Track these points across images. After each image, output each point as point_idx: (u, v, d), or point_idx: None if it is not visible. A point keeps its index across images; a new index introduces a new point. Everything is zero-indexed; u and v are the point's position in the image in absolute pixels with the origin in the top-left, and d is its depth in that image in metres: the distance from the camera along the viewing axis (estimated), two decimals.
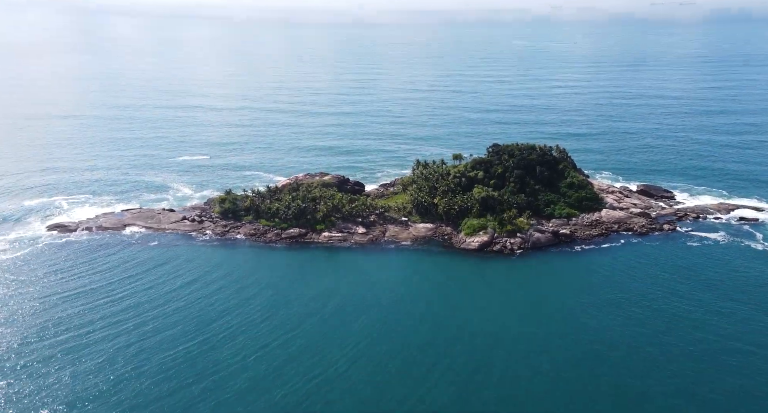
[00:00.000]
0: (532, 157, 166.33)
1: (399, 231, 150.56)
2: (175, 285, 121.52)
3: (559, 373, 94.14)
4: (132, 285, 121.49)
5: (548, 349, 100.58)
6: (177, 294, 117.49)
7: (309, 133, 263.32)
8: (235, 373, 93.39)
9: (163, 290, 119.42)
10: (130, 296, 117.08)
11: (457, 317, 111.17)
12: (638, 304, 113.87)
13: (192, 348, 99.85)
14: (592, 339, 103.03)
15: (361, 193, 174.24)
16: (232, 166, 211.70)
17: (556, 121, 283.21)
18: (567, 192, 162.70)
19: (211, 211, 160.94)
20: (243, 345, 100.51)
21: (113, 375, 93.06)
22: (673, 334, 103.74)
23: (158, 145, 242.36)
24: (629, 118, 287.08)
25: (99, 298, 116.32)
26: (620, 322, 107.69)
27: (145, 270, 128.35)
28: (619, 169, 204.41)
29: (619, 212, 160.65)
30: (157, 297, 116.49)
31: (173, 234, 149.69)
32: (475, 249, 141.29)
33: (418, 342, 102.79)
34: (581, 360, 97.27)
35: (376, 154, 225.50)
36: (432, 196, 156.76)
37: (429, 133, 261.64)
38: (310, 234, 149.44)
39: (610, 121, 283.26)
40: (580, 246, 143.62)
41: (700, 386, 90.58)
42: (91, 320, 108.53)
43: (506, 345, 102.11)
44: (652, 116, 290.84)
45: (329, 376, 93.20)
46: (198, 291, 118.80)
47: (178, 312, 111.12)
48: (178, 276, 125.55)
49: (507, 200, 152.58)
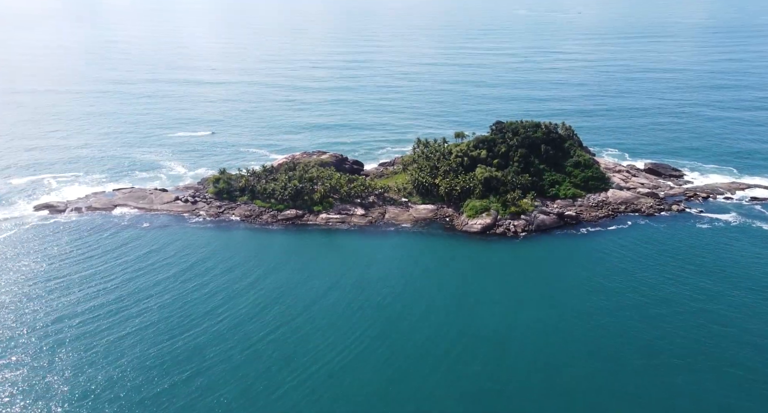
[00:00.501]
0: (536, 135, 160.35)
1: (399, 213, 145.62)
2: (168, 272, 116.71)
3: (565, 364, 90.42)
4: (122, 273, 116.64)
5: (553, 338, 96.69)
6: (169, 284, 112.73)
7: (306, 109, 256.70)
8: (231, 370, 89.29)
9: (155, 278, 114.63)
10: (120, 285, 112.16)
11: (460, 304, 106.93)
12: (645, 292, 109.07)
13: (187, 340, 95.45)
14: (598, 327, 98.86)
15: (360, 172, 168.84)
16: (228, 143, 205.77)
17: (560, 97, 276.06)
18: (573, 171, 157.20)
19: (205, 191, 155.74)
20: (240, 339, 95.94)
21: (102, 372, 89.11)
22: (683, 325, 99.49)
23: (152, 120, 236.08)
24: (636, 93, 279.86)
25: (88, 287, 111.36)
26: (631, 313, 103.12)
27: (137, 256, 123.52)
28: (625, 147, 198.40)
29: (627, 192, 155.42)
30: (149, 286, 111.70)
31: (165, 216, 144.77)
32: (478, 232, 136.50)
33: (420, 331, 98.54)
34: (589, 351, 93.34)
35: (376, 130, 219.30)
36: (433, 176, 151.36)
37: (430, 109, 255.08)
38: (307, 215, 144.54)
39: (616, 96, 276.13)
40: (585, 228, 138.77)
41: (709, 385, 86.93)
42: (81, 311, 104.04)
43: (509, 332, 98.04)
44: (659, 91, 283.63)
45: (329, 372, 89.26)
46: (192, 280, 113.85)
47: (170, 303, 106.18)
48: (171, 263, 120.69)
49: (511, 181, 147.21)
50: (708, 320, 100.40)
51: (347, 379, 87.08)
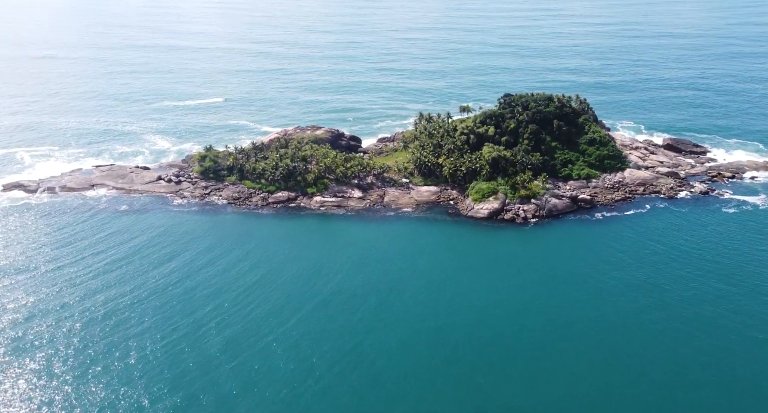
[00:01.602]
0: (548, 110, 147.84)
1: (399, 196, 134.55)
2: (146, 265, 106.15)
3: (576, 364, 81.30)
4: (96, 265, 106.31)
5: (565, 336, 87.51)
6: (148, 278, 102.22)
7: (300, 78, 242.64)
8: (225, 376, 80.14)
9: (131, 271, 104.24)
10: (94, 279, 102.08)
11: (465, 299, 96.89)
12: (669, 290, 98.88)
13: (172, 343, 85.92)
14: (616, 332, 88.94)
15: (358, 149, 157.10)
16: (216, 114, 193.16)
17: (569, 68, 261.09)
18: (587, 149, 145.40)
19: (190, 170, 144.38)
20: (231, 340, 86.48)
21: (68, 381, 79.88)
22: (716, 333, 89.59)
23: (137, 90, 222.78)
24: (652, 61, 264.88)
25: (53, 286, 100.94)
26: (654, 315, 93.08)
27: (113, 245, 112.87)
28: (641, 119, 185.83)
29: (645, 172, 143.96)
30: (124, 280, 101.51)
31: (146, 197, 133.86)
32: (485, 217, 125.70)
33: (421, 328, 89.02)
34: (604, 354, 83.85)
35: (375, 102, 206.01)
36: (436, 155, 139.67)
37: (433, 79, 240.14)
38: (301, 198, 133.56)
39: (631, 63, 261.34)
40: (601, 212, 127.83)
41: None
42: (47, 310, 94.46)
43: (518, 331, 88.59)
44: (677, 59, 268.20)
45: (325, 375, 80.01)
46: (173, 273, 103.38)
47: (150, 299, 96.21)
48: (149, 254, 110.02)
49: (520, 160, 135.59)
50: (744, 324, 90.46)
51: (338, 395, 78.00)
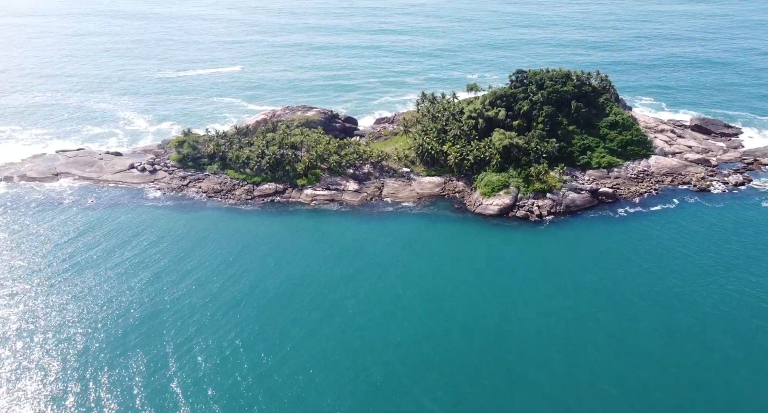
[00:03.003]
0: (566, 89, 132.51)
1: (399, 188, 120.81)
2: (112, 275, 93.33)
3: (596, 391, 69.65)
4: (54, 275, 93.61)
5: (583, 364, 75.64)
6: (115, 291, 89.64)
7: (293, 49, 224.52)
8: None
9: (92, 282, 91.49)
10: (49, 293, 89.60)
11: (471, 312, 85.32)
12: (706, 306, 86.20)
13: (138, 373, 73.98)
14: (644, 360, 76.63)
15: (354, 132, 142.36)
16: (199, 89, 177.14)
17: (577, 39, 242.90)
18: (608, 134, 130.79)
19: (166, 157, 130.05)
20: (202, 380, 74.61)
21: None
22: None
23: (113, 61, 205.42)
24: (673, 29, 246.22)
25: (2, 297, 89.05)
26: (690, 344, 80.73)
27: (73, 251, 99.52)
28: (662, 95, 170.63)
29: (672, 159, 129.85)
30: (85, 293, 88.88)
31: (117, 189, 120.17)
32: (494, 214, 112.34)
33: (423, 356, 77.20)
34: (627, 381, 72.11)
35: (373, 75, 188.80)
36: (440, 141, 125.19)
37: (437, 52, 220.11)
38: (290, 190, 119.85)
39: (649, 32, 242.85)
40: (624, 208, 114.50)
41: None
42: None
43: (534, 359, 76.50)
44: (701, 28, 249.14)
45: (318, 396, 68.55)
46: (145, 287, 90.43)
47: (115, 316, 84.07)
48: (115, 259, 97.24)
49: (535, 149, 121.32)
50: None
51: None
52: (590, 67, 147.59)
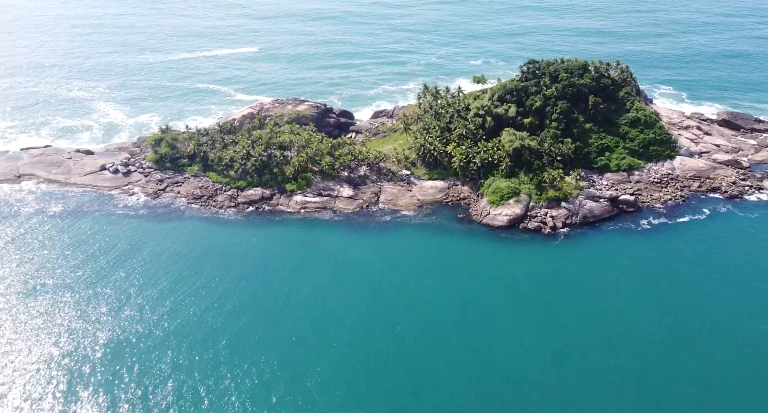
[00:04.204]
0: (583, 82, 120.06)
1: (398, 194, 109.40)
2: (69, 301, 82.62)
3: None
4: (6, 303, 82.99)
5: None
6: (71, 322, 79.07)
7: (283, 34, 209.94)
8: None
9: (46, 309, 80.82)
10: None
11: (477, 347, 75.50)
12: (747, 343, 75.83)
13: None
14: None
15: (349, 128, 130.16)
16: (182, 76, 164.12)
17: (591, 26, 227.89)
18: (629, 132, 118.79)
19: (142, 157, 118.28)
20: None
21: None
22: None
23: (91, 45, 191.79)
24: (692, 13, 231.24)
25: None
26: (730, 387, 70.56)
27: (33, 270, 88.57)
28: (683, 84, 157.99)
29: (699, 160, 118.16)
30: (38, 325, 78.32)
31: (85, 194, 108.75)
32: (503, 225, 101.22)
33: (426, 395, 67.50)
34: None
35: (372, 62, 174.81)
36: (444, 141, 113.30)
37: (442, 40, 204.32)
38: (277, 197, 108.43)
39: (668, 17, 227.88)
40: (647, 219, 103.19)
41: None
42: None
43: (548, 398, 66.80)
44: (722, 12, 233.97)
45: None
46: (106, 319, 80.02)
47: (68, 354, 73.70)
48: (75, 282, 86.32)
49: (548, 151, 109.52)
50: None
51: None
52: (602, 54, 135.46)
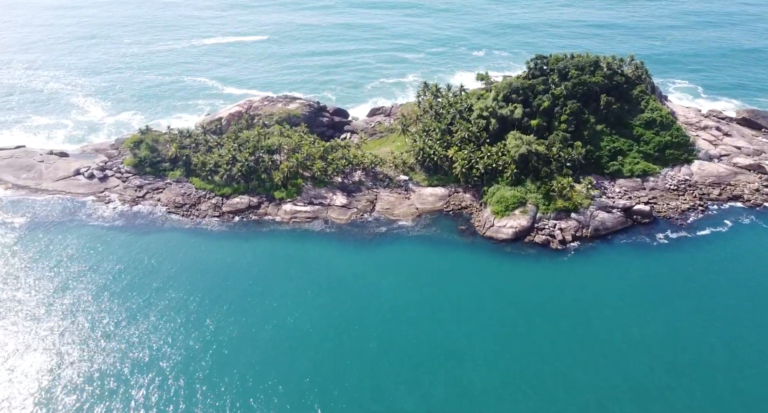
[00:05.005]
0: (594, 80, 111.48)
1: (395, 202, 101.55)
2: (25, 326, 75.41)
3: None
4: None
5: None
6: (31, 351, 72.06)
7: (275, 23, 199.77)
8: None
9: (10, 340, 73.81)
10: None
11: (476, 373, 69.18)
12: None
13: None
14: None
15: (344, 127, 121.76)
16: (167, 68, 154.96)
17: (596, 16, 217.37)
18: (643, 134, 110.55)
19: (120, 161, 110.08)
20: None
21: None
22: None
23: (69, 34, 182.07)
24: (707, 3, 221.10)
25: None
26: None
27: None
28: (699, 78, 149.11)
29: (719, 165, 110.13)
30: None
31: (58, 201, 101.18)
32: (509, 238, 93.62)
33: None
34: None
35: (370, 55, 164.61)
36: (445, 145, 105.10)
37: (443, 29, 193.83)
38: (265, 205, 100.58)
39: (683, 6, 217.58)
40: (664, 232, 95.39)
41: None
42: None
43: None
44: None
45: None
46: (67, 349, 73.02)
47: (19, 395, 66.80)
48: (38, 304, 78.94)
49: (557, 156, 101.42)
50: None
51: None
52: (612, 45, 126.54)
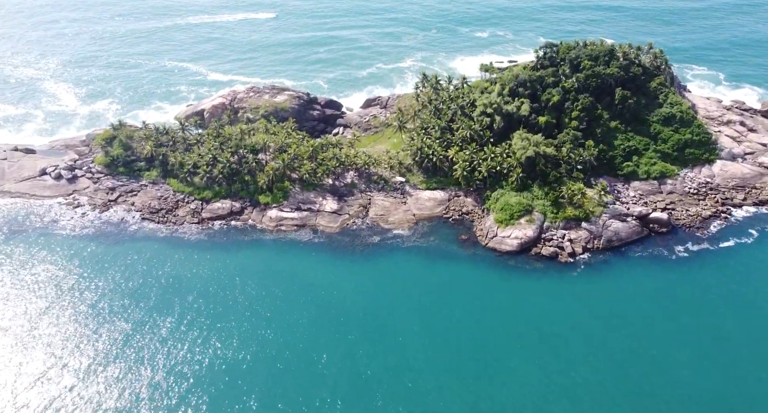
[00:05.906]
0: (609, 72, 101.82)
1: (390, 207, 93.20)
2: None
3: None
4: None
5: None
6: None
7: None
8: None
9: None
10: None
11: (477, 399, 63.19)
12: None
13: None
14: None
15: (336, 121, 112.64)
16: (147, 52, 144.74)
17: None
18: (661, 132, 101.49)
19: (91, 159, 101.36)
20: None
21: None
22: None
23: (38, 12, 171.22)
24: None
25: None
26: None
27: None
28: (719, 64, 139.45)
29: (743, 165, 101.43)
30: None
31: (21, 206, 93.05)
32: (513, 250, 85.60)
33: None
34: None
35: (367, 39, 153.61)
36: (445, 144, 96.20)
37: (448, 13, 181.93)
38: (249, 210, 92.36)
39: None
40: (684, 244, 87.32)
41: None
42: None
43: None
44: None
45: None
46: (18, 384, 66.04)
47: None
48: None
49: (567, 158, 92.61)
50: None
51: None
52: (626, 29, 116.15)
